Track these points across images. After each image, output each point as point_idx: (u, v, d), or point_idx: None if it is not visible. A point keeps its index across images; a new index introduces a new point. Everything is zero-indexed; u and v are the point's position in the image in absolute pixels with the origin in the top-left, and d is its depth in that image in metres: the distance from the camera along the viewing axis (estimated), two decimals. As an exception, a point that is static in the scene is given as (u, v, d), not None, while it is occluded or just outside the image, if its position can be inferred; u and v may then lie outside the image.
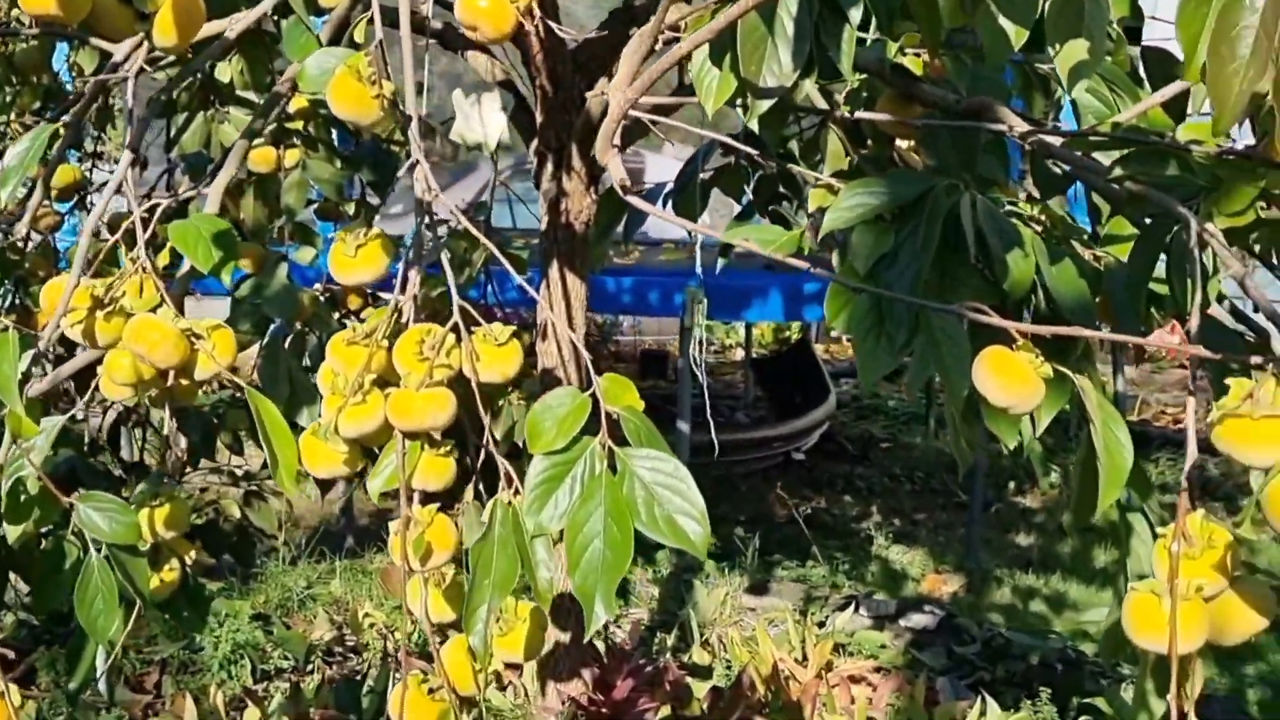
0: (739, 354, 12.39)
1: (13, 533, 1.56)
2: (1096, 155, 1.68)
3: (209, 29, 2.02)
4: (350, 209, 3.98)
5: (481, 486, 2.19)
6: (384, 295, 3.68)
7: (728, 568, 5.64)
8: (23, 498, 1.56)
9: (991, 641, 4.72)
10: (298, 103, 3.33)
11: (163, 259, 2.14)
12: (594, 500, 1.58)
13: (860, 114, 1.87)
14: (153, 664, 3.97)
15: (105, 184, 3.80)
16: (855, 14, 1.61)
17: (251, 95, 3.38)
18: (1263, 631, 1.35)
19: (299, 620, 4.55)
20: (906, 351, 1.65)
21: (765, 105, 1.59)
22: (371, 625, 4.11)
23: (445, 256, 2.53)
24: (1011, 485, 8.42)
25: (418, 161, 1.83)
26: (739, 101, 1.70)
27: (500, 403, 3.99)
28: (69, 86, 3.53)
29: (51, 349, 2.04)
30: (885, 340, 1.62)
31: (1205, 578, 1.31)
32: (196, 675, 3.96)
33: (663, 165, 7.96)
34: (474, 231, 1.78)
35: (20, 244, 3.38)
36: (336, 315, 3.77)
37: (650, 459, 1.60)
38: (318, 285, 3.83)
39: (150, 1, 1.65)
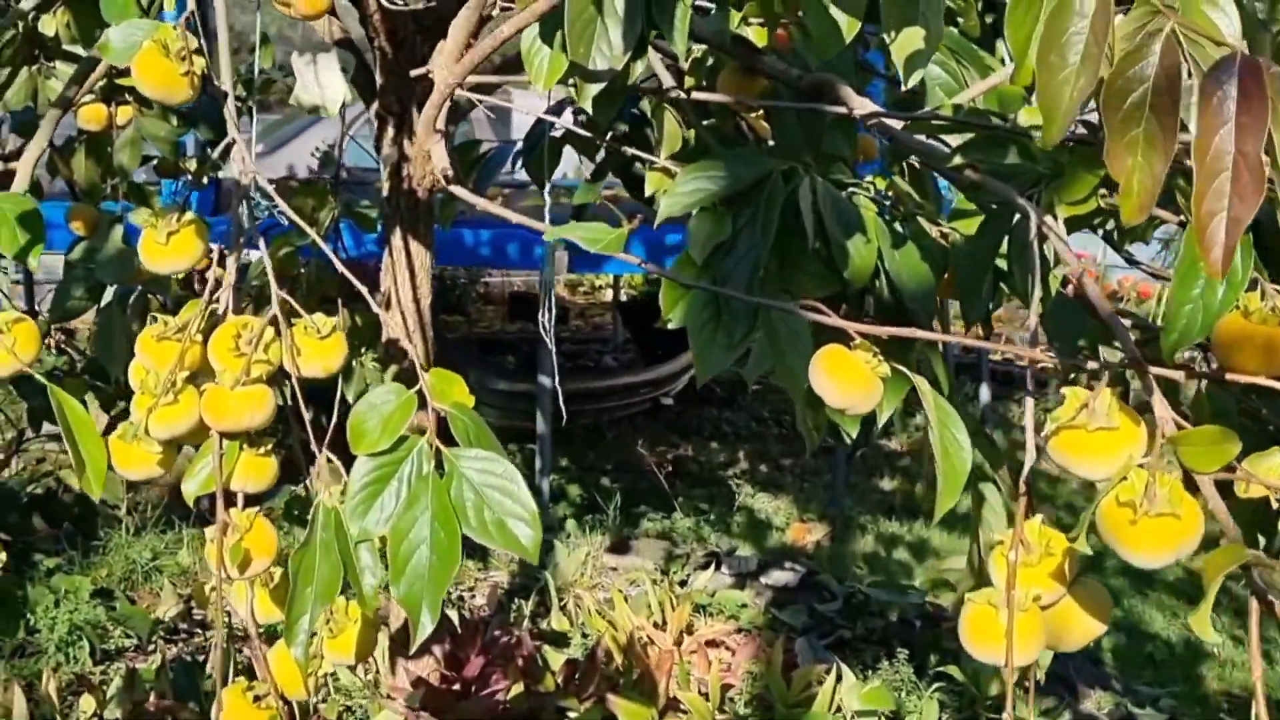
0: (608, 294, 12.34)
1: None
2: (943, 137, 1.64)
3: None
4: (192, 165, 3.85)
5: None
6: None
7: (590, 525, 5.61)
8: None
9: (852, 598, 4.75)
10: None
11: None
12: (420, 504, 1.52)
13: (699, 95, 1.81)
14: (-19, 648, 3.83)
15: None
16: (689, -10, 1.54)
17: (79, 49, 3.23)
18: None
19: (144, 595, 4.41)
20: (746, 344, 1.60)
21: (595, 89, 1.52)
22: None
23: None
24: (876, 428, 8.48)
25: (234, 142, 1.74)
26: (571, 81, 1.63)
27: (352, 363, 3.90)
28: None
29: None
30: (723, 333, 1.57)
31: (1043, 586, 1.28)
32: (32, 658, 3.79)
33: (534, 103, 7.81)
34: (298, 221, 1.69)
35: None
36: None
37: (480, 460, 1.54)
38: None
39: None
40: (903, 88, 1.48)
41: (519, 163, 3.20)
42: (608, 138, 2.71)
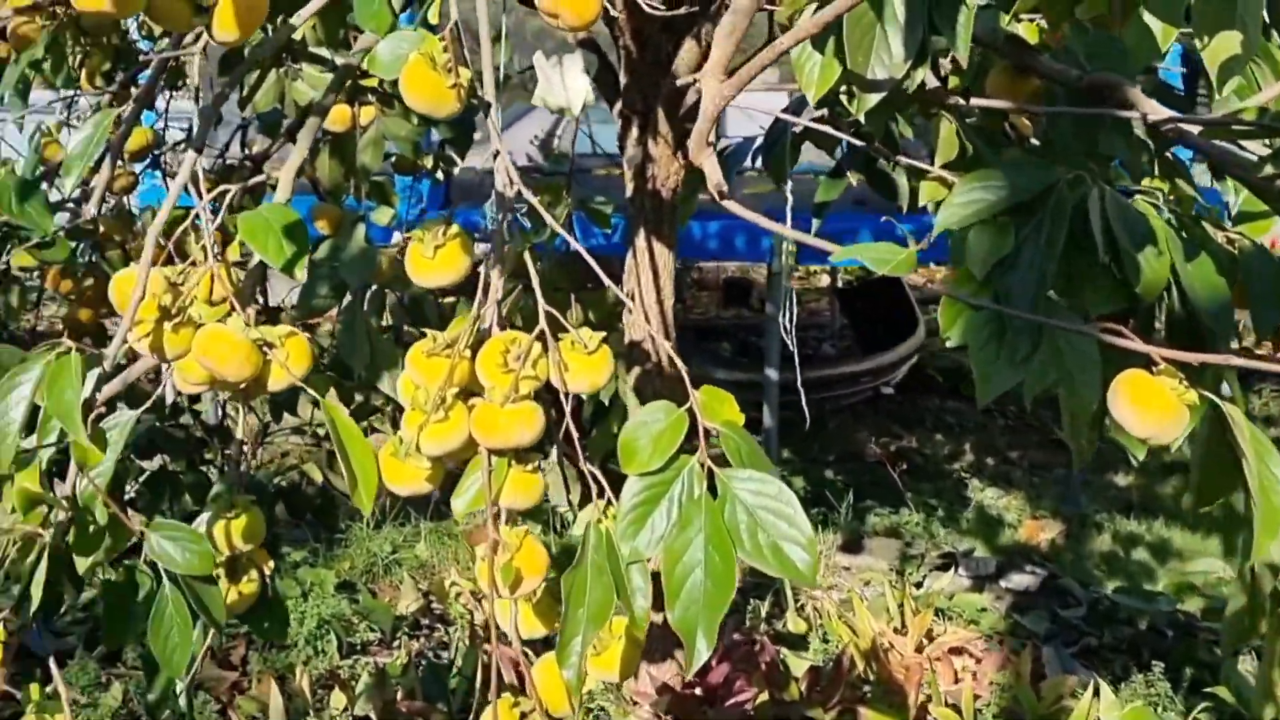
0: (822, 280, 12.19)
1: (81, 564, 1.50)
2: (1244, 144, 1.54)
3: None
4: (428, 162, 3.90)
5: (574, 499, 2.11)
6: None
7: (819, 521, 5.54)
8: (91, 528, 1.49)
9: (1097, 604, 4.57)
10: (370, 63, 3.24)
11: (233, 252, 2.07)
12: (693, 526, 1.49)
13: (976, 101, 1.74)
14: (238, 637, 3.95)
15: (179, 143, 3.73)
16: (974, -7, 1.48)
17: (325, 51, 3.30)
18: None
19: (384, 587, 4.51)
20: (1030, 363, 1.53)
21: (874, 100, 1.47)
22: (458, 595, 4.06)
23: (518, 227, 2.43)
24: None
25: (498, 152, 1.74)
26: (843, 89, 1.59)
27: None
28: (141, 45, 3.45)
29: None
30: (1006, 352, 1.51)
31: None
32: (282, 652, 3.93)
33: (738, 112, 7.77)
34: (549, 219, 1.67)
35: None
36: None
37: (753, 481, 1.51)
38: (396, 239, 3.76)
39: (209, -5, 1.56)
40: (1218, 95, 1.39)
41: (757, 159, 3.17)
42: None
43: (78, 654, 3.81)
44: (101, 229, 3.39)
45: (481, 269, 1.72)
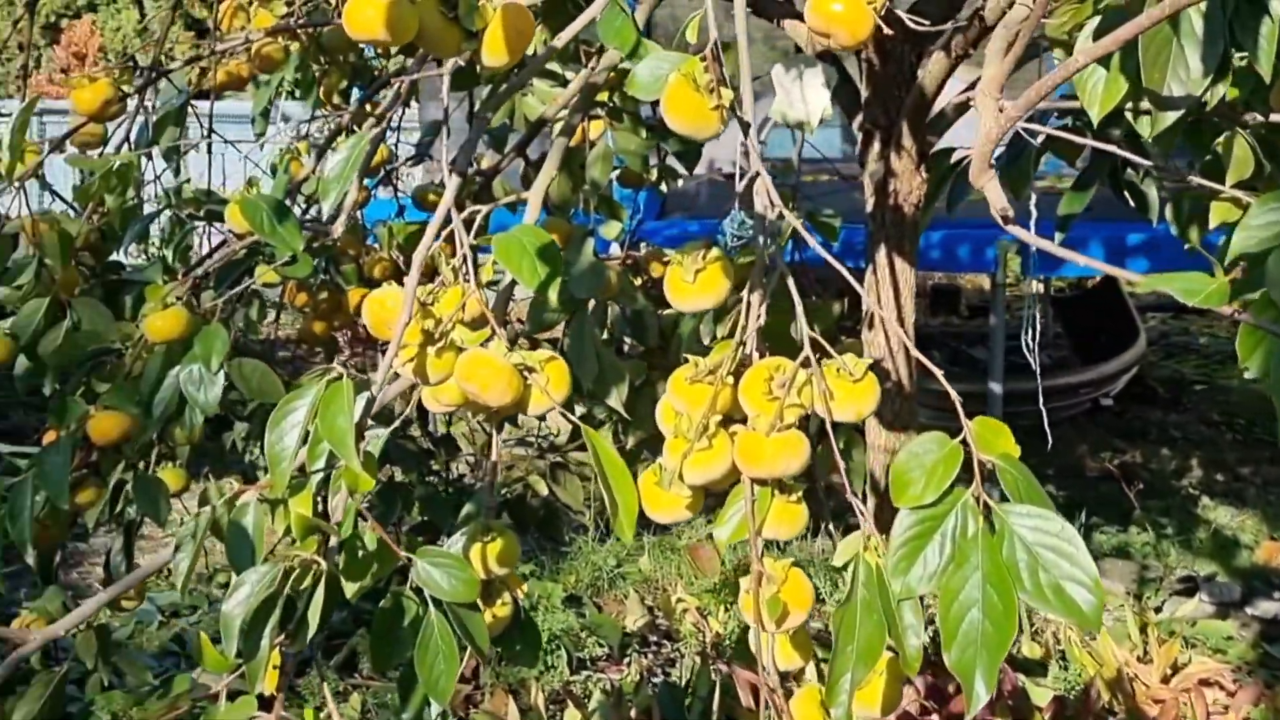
0: (1034, 286, 11.89)
1: (350, 589, 1.51)
2: None
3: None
4: (653, 175, 3.89)
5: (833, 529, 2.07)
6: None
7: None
8: (360, 554, 1.50)
9: (1352, 635, 4.36)
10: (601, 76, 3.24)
11: (486, 273, 2.07)
12: (970, 564, 1.44)
13: (1276, 117, 1.65)
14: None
15: (410, 158, 3.78)
16: (1277, 4, 1.40)
17: (554, 65, 3.32)
18: None
19: (609, 601, 4.52)
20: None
21: (1171, 118, 1.40)
22: (684, 610, 4.05)
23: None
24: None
25: (758, 174, 1.71)
26: (1128, 107, 1.51)
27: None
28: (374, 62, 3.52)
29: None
30: (1313, 387, 1.42)
31: None
32: (515, 666, 3.95)
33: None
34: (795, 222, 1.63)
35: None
36: (638, 283, 3.71)
37: (1032, 517, 1.45)
38: (615, 252, 3.76)
39: (477, 18, 1.56)
40: None
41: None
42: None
43: (315, 662, 3.91)
44: (337, 243, 3.46)
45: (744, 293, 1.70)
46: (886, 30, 1.57)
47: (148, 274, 2.87)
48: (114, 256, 3.14)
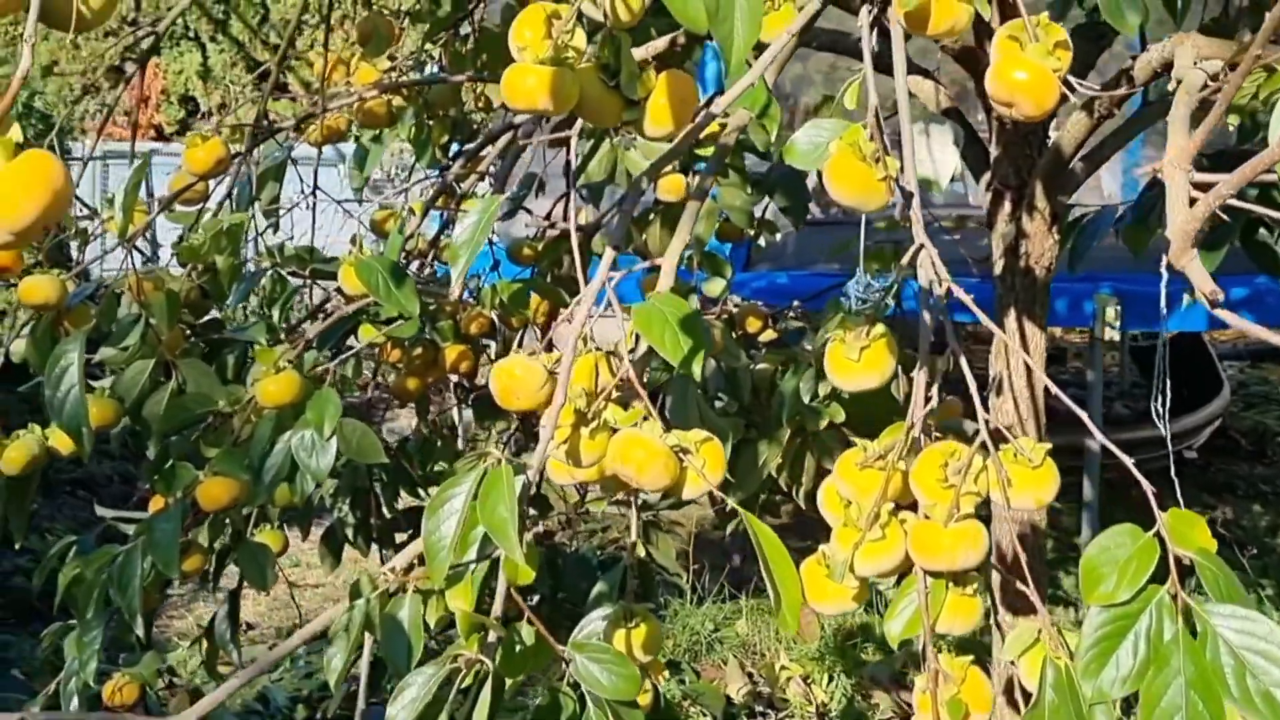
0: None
1: (512, 687, 1.44)
2: None
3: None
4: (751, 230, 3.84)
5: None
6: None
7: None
8: (518, 648, 1.43)
9: None
10: (709, 127, 3.18)
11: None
12: (1170, 668, 1.36)
13: None
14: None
15: (507, 214, 3.73)
16: None
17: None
18: None
19: (708, 666, 4.43)
20: None
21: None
22: (789, 679, 3.95)
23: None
24: None
25: (922, 246, 1.64)
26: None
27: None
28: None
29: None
30: None
31: None
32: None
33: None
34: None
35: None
36: (735, 336, 3.65)
37: (1236, 618, 1.37)
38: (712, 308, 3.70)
39: (641, 86, 1.50)
40: None
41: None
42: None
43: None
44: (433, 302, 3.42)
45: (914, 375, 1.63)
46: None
47: (251, 333, 2.84)
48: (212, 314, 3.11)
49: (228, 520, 2.67)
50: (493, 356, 3.85)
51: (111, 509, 7.07)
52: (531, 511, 3.58)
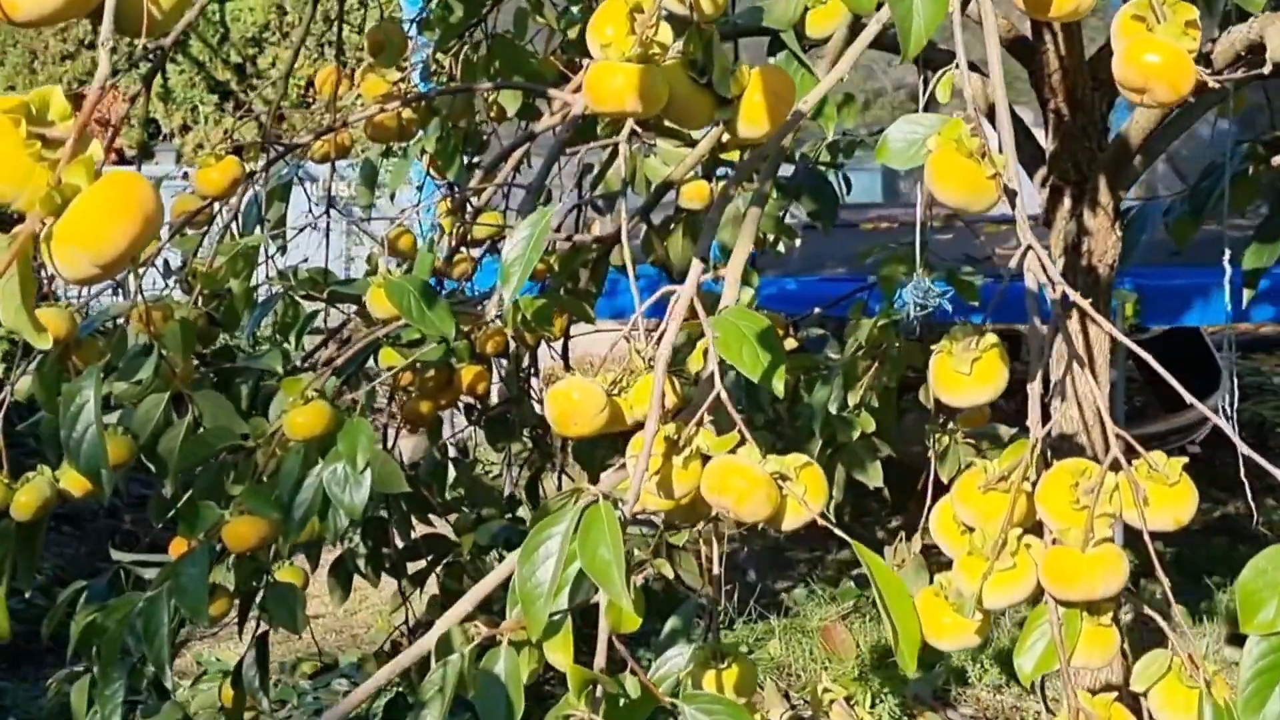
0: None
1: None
2: None
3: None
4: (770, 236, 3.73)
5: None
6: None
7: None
8: (622, 701, 1.32)
9: None
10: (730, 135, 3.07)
11: (695, 361, 1.91)
12: (1341, 702, 1.25)
13: None
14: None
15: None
16: None
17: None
18: None
19: (743, 691, 4.27)
20: None
21: None
22: (832, 702, 3.81)
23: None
24: None
25: (1029, 248, 1.54)
26: None
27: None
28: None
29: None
30: None
31: None
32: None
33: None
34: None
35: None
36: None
37: None
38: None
39: (734, 83, 1.39)
40: None
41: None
42: None
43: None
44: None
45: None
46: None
47: (265, 361, 2.71)
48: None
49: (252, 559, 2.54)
50: (502, 375, 3.74)
51: (97, 544, 6.88)
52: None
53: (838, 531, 1.48)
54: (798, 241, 3.90)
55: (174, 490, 2.51)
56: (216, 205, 2.76)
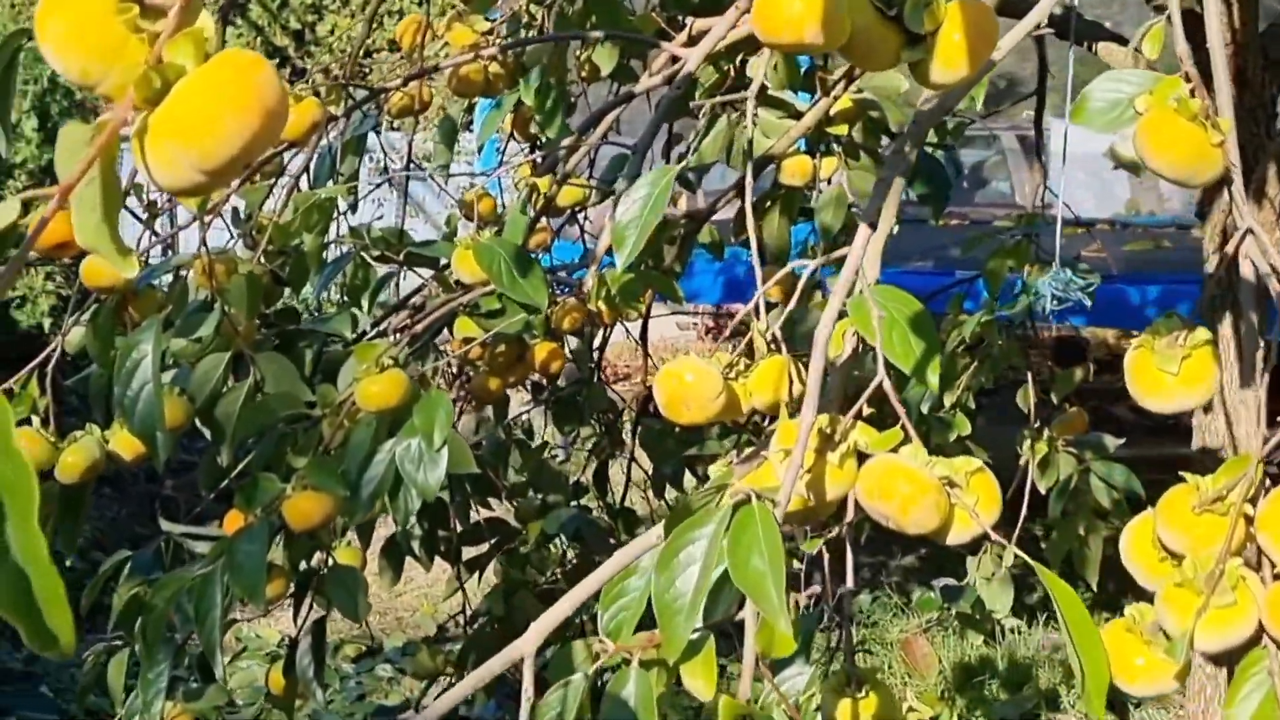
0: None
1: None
2: None
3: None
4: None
5: None
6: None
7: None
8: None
9: None
10: (841, 103, 2.86)
11: (835, 345, 1.70)
12: None
13: None
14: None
15: (610, 195, 3.43)
16: None
17: (787, 94, 2.95)
18: None
19: (816, 708, 4.08)
20: None
21: None
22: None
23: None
24: None
25: (1250, 231, 1.34)
26: None
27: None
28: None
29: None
30: None
31: None
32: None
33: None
34: None
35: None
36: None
37: None
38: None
39: (929, 17, 1.18)
40: None
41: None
42: None
43: None
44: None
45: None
46: None
47: (333, 325, 2.53)
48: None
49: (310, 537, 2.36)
50: (572, 353, 3.54)
51: (137, 508, 6.74)
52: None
53: (1019, 554, 1.29)
54: (896, 228, 3.70)
55: (229, 458, 2.34)
56: (285, 156, 2.59)
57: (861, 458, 1.30)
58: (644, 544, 1.36)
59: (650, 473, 3.69)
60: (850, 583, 1.64)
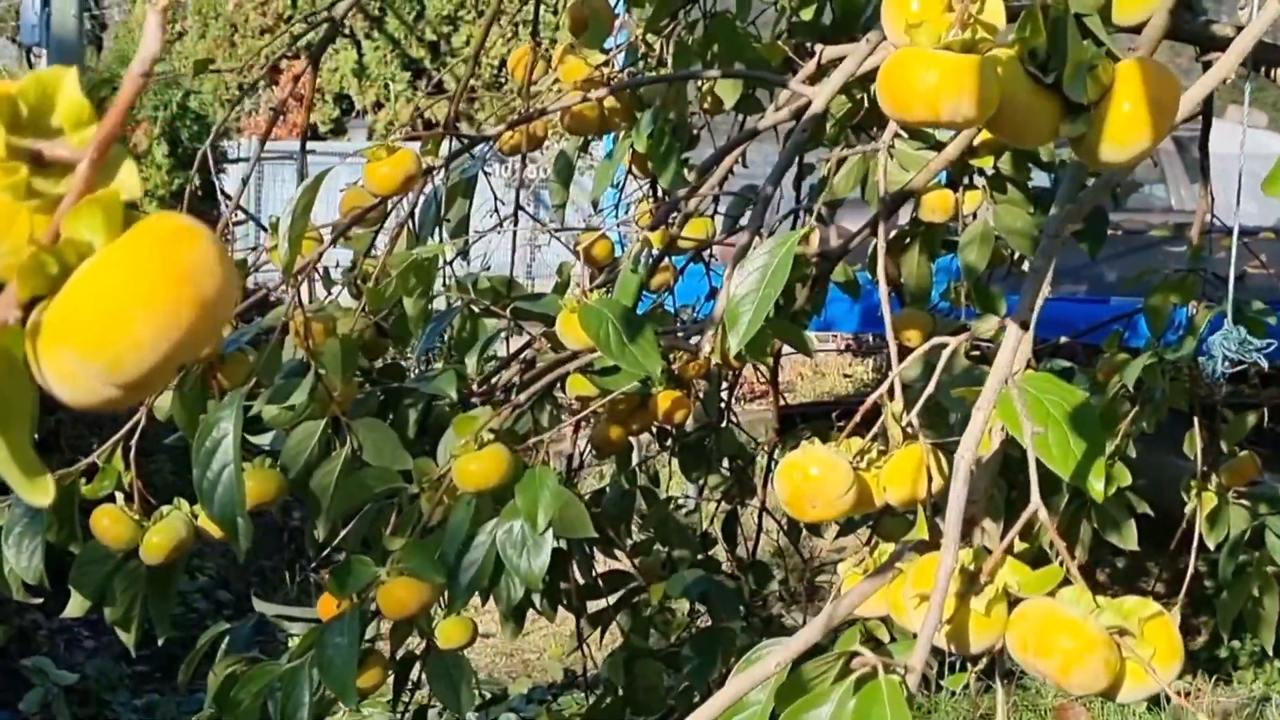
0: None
1: None
2: None
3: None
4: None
5: None
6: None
7: None
8: None
9: None
10: (985, 133, 2.65)
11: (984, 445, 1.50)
12: None
13: None
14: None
15: (736, 230, 3.25)
16: None
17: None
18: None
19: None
20: None
21: None
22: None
23: None
24: None
25: None
26: None
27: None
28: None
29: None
30: None
31: None
32: None
33: None
34: None
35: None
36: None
37: None
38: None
39: (1092, 84, 0.98)
40: None
41: None
42: None
43: None
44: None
45: None
46: None
47: (438, 385, 2.38)
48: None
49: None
50: (700, 397, 3.37)
51: (261, 537, 6.70)
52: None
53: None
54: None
55: (325, 532, 2.20)
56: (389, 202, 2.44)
57: (1013, 601, 1.11)
58: (754, 678, 1.18)
59: (784, 520, 3.50)
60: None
